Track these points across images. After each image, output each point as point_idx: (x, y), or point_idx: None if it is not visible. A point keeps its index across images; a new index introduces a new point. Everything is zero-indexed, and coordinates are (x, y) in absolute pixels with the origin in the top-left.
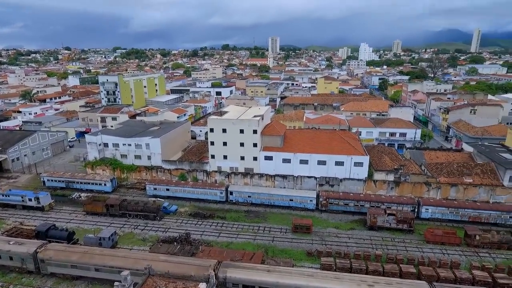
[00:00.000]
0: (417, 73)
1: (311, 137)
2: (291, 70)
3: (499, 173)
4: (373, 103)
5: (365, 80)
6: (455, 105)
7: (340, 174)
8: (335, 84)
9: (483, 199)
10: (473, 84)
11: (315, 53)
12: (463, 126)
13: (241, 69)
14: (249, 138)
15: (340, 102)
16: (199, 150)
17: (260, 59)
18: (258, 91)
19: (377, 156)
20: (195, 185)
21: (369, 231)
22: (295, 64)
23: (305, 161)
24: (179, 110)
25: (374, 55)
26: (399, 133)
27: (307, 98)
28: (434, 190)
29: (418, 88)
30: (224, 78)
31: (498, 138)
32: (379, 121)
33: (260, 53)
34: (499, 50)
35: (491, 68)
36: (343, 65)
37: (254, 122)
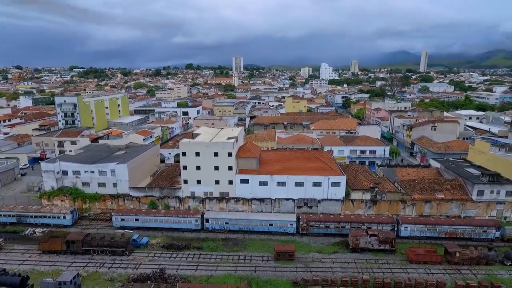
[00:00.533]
0: (376, 92)
1: (287, 158)
2: (257, 89)
3: (467, 188)
4: (342, 121)
5: (329, 98)
6: (417, 122)
7: (318, 195)
8: (303, 103)
9: (455, 214)
10: (427, 101)
11: (278, 72)
12: (426, 142)
13: (206, 88)
14: (224, 161)
15: (309, 120)
16: (170, 174)
17: (224, 78)
18: (226, 111)
19: (352, 175)
20: (168, 214)
21: (352, 254)
22: (260, 83)
23: (282, 183)
24: (145, 132)
25: (334, 74)
26: (369, 150)
27: (277, 118)
28: (410, 207)
29: (380, 106)
30: (189, 97)
31: (459, 153)
32: (349, 139)
33: (224, 72)
34: (444, 69)
35: (440, 86)
36: (306, 84)
37: (229, 144)
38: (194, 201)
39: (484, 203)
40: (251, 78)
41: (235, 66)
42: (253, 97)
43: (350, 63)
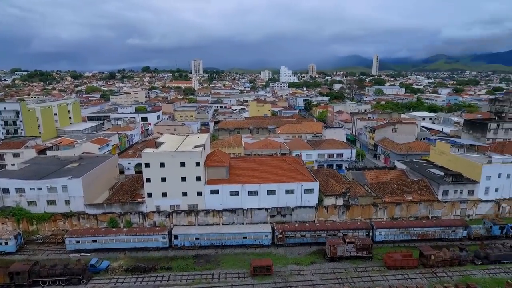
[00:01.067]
0: (335, 94)
1: (258, 165)
2: (218, 92)
3: (433, 188)
4: (307, 124)
5: (291, 101)
6: (380, 125)
7: (291, 203)
8: (267, 106)
9: (423, 215)
10: (382, 103)
11: (238, 75)
12: (389, 144)
13: (165, 92)
14: (191, 172)
15: (275, 124)
16: (131, 187)
17: (184, 82)
18: (188, 116)
19: (323, 180)
20: (130, 232)
21: (330, 263)
22: (220, 86)
23: (254, 192)
24: (101, 140)
25: (294, 77)
26: (337, 153)
27: (242, 122)
28: (381, 211)
29: (342, 108)
30: (148, 102)
31: (420, 154)
32: (316, 143)
33: (183, 75)
34: (393, 73)
35: (392, 89)
36: (267, 87)
37: (197, 153)
38: (160, 215)
39: (449, 203)
40: (211, 81)
41: (194, 69)
42: (214, 101)
43: (308, 67)
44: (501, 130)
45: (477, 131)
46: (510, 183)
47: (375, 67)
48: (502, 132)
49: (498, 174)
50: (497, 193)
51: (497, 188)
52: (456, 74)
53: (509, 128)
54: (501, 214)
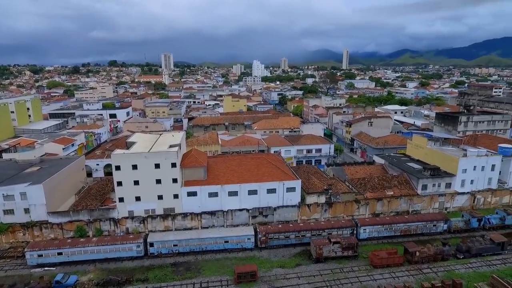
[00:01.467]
0: (308, 88)
1: (237, 164)
2: (190, 87)
3: (412, 182)
4: (284, 120)
5: (265, 95)
6: (356, 119)
7: (273, 203)
8: (242, 101)
9: (403, 209)
10: (355, 97)
11: (209, 69)
12: (365, 138)
13: (134, 87)
14: (167, 173)
15: (251, 120)
16: (100, 190)
17: (154, 76)
18: (160, 112)
19: (304, 177)
20: (101, 241)
21: (316, 264)
22: (192, 81)
23: (234, 192)
24: (65, 139)
25: (266, 71)
26: (315, 149)
27: (217, 118)
28: (364, 207)
29: (317, 103)
30: (116, 97)
31: (395, 147)
32: (294, 138)
33: (153, 69)
34: (362, 67)
35: (363, 82)
36: (240, 81)
37: (172, 153)
38: (134, 221)
39: (428, 197)
40: (182, 76)
41: (164, 63)
42: (187, 96)
43: (280, 60)
44: (471, 123)
45: (449, 124)
46: (484, 175)
47: (345, 61)
48: (472, 124)
49: (473, 167)
50: (472, 185)
51: (472, 180)
52: (421, 68)
53: (479, 121)
54: (476, 205)
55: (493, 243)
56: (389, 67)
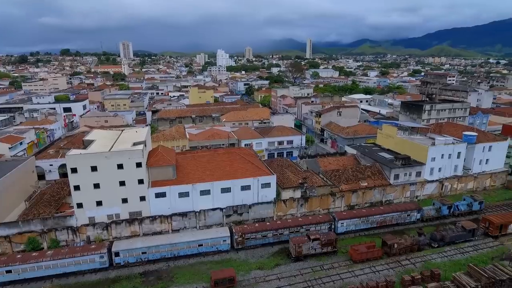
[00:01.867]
0: (275, 78)
1: (209, 161)
2: (152, 77)
3: (385, 172)
4: (254, 111)
5: (231, 86)
6: (325, 109)
7: (247, 200)
8: (209, 92)
9: (377, 200)
10: (321, 86)
11: (172, 59)
12: (335, 128)
13: (91, 77)
14: (131, 174)
15: (219, 112)
16: (55, 196)
17: (112, 66)
18: (120, 104)
19: (279, 171)
20: (58, 254)
21: (296, 263)
22: (154, 71)
23: (206, 191)
24: (11, 138)
25: (231, 60)
26: (287, 141)
27: (183, 111)
28: (339, 200)
29: (285, 93)
30: (70, 89)
31: (365, 137)
32: (265, 130)
33: (111, 59)
34: (325, 56)
35: (327, 72)
36: (204, 71)
37: (137, 152)
38: (95, 228)
39: (400, 186)
40: (143, 66)
41: (123, 52)
42: (149, 87)
43: (245, 50)
44: (434, 111)
45: (413, 112)
46: (451, 163)
47: (308, 50)
48: (435, 113)
49: (441, 155)
50: (440, 173)
51: (440, 168)
52: (380, 58)
53: (441, 109)
54: (444, 192)
55: (465, 230)
56: (350, 56)
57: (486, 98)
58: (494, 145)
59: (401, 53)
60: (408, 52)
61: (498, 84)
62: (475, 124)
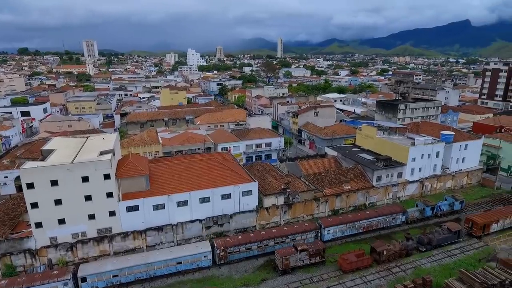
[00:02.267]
0: (248, 78)
1: (185, 168)
2: (120, 78)
3: (367, 174)
4: (229, 112)
5: (203, 86)
6: (302, 109)
7: (228, 209)
8: (181, 94)
9: (361, 203)
10: (294, 86)
11: (141, 58)
12: (313, 128)
13: (53, 78)
14: (99, 187)
15: (193, 114)
16: (10, 213)
17: (76, 66)
18: (86, 107)
19: (259, 177)
20: (13, 283)
21: (283, 277)
22: (121, 71)
23: (183, 202)
24: None
25: (202, 60)
26: (265, 143)
27: (155, 113)
28: (323, 205)
29: (260, 93)
30: (29, 91)
31: (343, 137)
32: (242, 133)
33: (74, 58)
34: (296, 55)
35: (300, 71)
36: (175, 70)
37: (104, 163)
38: (58, 250)
39: (383, 188)
40: (110, 65)
41: (87, 51)
42: (117, 88)
43: (216, 49)
44: (409, 110)
45: (389, 111)
46: (430, 163)
47: (279, 49)
48: (409, 112)
49: (421, 155)
50: (420, 173)
51: (420, 168)
52: (348, 57)
53: (415, 108)
54: (424, 192)
55: (450, 232)
56: (320, 55)
57: (453, 96)
58: (470, 144)
59: (368, 53)
60: (374, 52)
61: (461, 82)
62: (446, 122)
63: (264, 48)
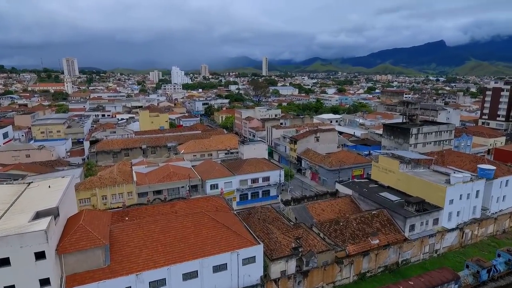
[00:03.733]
0: (235, 96)
1: (163, 230)
2: (99, 97)
3: (396, 222)
4: (218, 139)
5: (188, 105)
6: (300, 134)
7: (223, 284)
8: (163, 116)
9: (392, 261)
10: (284, 105)
11: (123, 76)
12: (315, 156)
13: (26, 97)
14: (27, 273)
15: (176, 141)
16: None
17: (53, 84)
18: (54, 131)
19: (261, 230)
20: None
21: None
22: (102, 89)
23: (160, 282)
24: None
25: (187, 78)
26: (262, 177)
27: (130, 140)
28: (347, 268)
29: (251, 114)
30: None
31: (352, 167)
32: (233, 164)
33: (53, 76)
34: (280, 73)
35: (287, 89)
36: (158, 89)
37: (36, 236)
38: None
39: (419, 240)
40: (90, 83)
41: (67, 69)
42: (94, 108)
43: (201, 67)
44: (421, 134)
45: (398, 136)
46: (469, 204)
47: (264, 68)
48: (422, 136)
49: (459, 196)
50: (458, 217)
51: (459, 211)
52: (332, 75)
53: (428, 132)
54: (464, 241)
55: None
56: (304, 73)
57: (454, 116)
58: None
59: (350, 71)
60: (356, 70)
61: (450, 101)
62: (460, 148)
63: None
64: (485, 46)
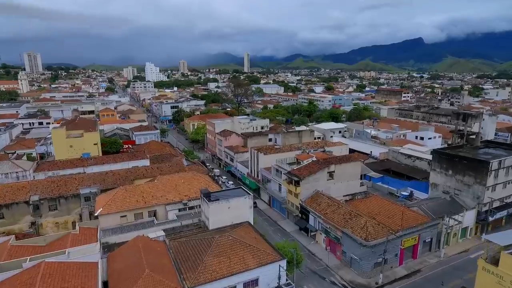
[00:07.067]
0: (212, 97)
1: None
2: (51, 97)
3: None
4: (171, 180)
5: (154, 108)
6: (304, 167)
7: None
8: (91, 136)
9: None
10: (270, 107)
11: (95, 73)
12: (333, 213)
13: None
14: None
15: (100, 184)
16: None
17: (6, 82)
18: None
19: None
20: None
21: None
22: (66, 88)
23: None
24: None
25: (162, 75)
26: (244, 283)
27: (13, 187)
28: None
29: (228, 127)
30: None
31: (402, 236)
32: (188, 249)
33: (12, 72)
34: (262, 70)
35: (272, 87)
36: (128, 87)
37: None
38: None
39: None
40: (55, 81)
41: (29, 65)
42: (31, 115)
43: (179, 63)
44: (502, 170)
45: (465, 172)
46: None
47: (246, 64)
48: (503, 172)
49: None
50: None
51: None
52: (314, 72)
53: (510, 166)
54: None
55: None
56: (286, 70)
57: (489, 124)
58: None
59: (332, 67)
60: (338, 67)
61: (454, 101)
62: None
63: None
64: (461, 43)
